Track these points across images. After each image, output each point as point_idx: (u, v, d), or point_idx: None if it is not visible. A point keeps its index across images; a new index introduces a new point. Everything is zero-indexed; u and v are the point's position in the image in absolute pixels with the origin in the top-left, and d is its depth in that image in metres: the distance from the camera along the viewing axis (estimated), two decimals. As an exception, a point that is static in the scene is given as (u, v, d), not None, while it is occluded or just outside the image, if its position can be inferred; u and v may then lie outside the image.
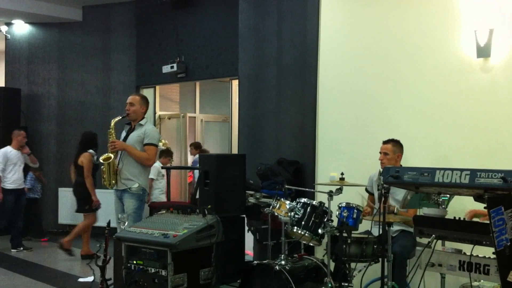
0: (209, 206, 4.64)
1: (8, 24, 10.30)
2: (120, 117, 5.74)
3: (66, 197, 9.85)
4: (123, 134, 5.79)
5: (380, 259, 4.22)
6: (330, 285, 4.37)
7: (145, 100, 5.84)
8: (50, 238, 9.29)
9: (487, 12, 4.92)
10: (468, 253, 3.30)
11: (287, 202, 4.82)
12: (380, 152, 5.07)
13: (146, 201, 6.32)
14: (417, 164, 5.00)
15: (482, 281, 3.44)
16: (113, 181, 5.57)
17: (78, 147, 7.81)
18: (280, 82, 7.08)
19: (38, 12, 9.61)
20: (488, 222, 2.89)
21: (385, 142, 5.09)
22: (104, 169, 5.58)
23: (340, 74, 5.95)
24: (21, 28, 10.32)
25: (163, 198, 8.12)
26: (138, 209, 5.51)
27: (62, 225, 9.88)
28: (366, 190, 5.28)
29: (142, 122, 5.67)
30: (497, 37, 4.86)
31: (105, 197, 8.28)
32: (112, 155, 5.55)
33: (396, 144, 5.06)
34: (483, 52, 4.90)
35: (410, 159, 5.19)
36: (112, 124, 5.67)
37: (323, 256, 4.71)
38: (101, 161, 5.61)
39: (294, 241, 4.88)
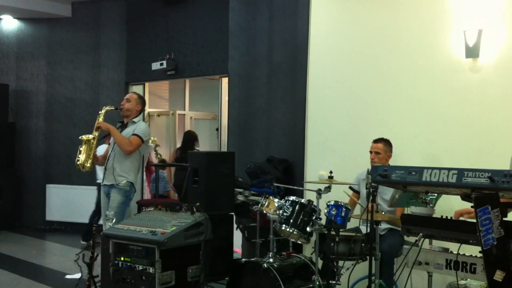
0: (197, 204, 4.64)
1: (-3, 19, 10.22)
2: (114, 108, 5.75)
3: (53, 194, 9.81)
4: None
5: (368, 257, 4.24)
6: (318, 283, 4.38)
7: (141, 99, 5.87)
8: (37, 235, 9.24)
9: (476, 12, 4.94)
10: (455, 252, 3.32)
11: (276, 200, 4.83)
12: (371, 151, 5.08)
13: None
14: (407, 163, 5.02)
15: (468, 280, 3.46)
16: (87, 165, 5.52)
17: (182, 146, 8.33)
18: (271, 80, 7.09)
19: (27, 8, 9.54)
20: (474, 220, 2.91)
21: (376, 141, 5.10)
22: (81, 148, 5.53)
23: (330, 72, 5.97)
24: (9, 24, 10.24)
25: None
26: (123, 205, 5.45)
27: (50, 222, 9.82)
28: (350, 187, 5.28)
29: (135, 119, 5.67)
30: (486, 38, 4.89)
31: (94, 194, 8.26)
32: (92, 136, 5.52)
33: (387, 144, 5.08)
34: (472, 52, 4.93)
35: (400, 158, 5.22)
36: (104, 110, 5.68)
37: (311, 254, 4.71)
38: (80, 138, 5.56)
39: (282, 239, 4.89)
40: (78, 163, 5.55)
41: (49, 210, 9.86)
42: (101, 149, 7.48)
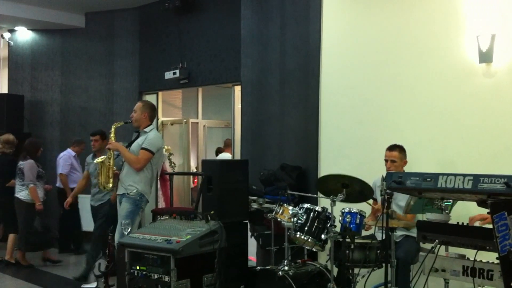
0: (212, 212, 4.65)
1: (11, 31, 10.34)
2: (123, 122, 5.75)
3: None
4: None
5: (383, 264, 4.22)
6: (333, 290, 4.36)
7: (147, 106, 5.79)
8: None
9: (489, 17, 4.92)
10: (472, 258, 3.30)
11: (290, 207, 4.82)
12: (387, 160, 5.01)
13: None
14: (421, 169, 4.99)
15: (486, 286, 3.43)
16: (109, 184, 5.57)
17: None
18: (283, 88, 7.09)
19: (41, 19, 9.66)
20: (490, 226, 2.89)
21: (391, 149, 5.00)
22: (98, 171, 5.61)
23: (342, 78, 5.97)
24: (24, 35, 10.36)
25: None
26: (131, 213, 5.41)
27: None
28: None
29: (147, 129, 5.66)
30: (499, 43, 4.86)
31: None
32: (106, 157, 5.58)
33: (401, 150, 5.03)
34: (485, 57, 4.90)
35: (414, 164, 5.18)
36: (113, 128, 5.69)
37: (326, 261, 4.70)
38: (95, 162, 5.66)
39: (297, 246, 4.88)
40: (99, 185, 5.70)
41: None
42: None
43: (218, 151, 10.43)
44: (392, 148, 5.01)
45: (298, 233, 4.63)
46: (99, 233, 6.51)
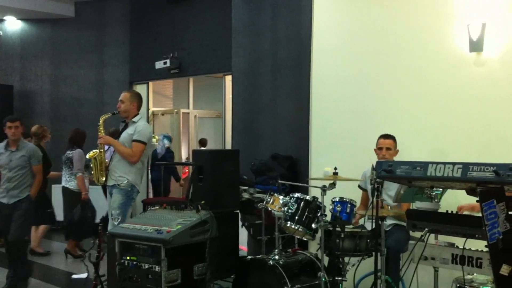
0: (203, 202, 4.64)
1: (0, 20, 10.25)
2: (110, 114, 5.68)
3: (59, 194, 9.81)
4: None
5: (373, 253, 4.23)
6: (324, 279, 4.37)
7: (135, 96, 5.75)
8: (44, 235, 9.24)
9: (480, 6, 4.92)
10: (461, 247, 3.31)
11: (281, 197, 4.81)
12: (381, 148, 5.02)
13: None
14: (413, 158, 4.98)
15: (475, 274, 3.46)
16: (102, 178, 5.53)
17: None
18: (275, 77, 7.08)
19: (31, 8, 9.59)
20: (479, 214, 2.90)
21: (386, 137, 5.03)
22: (92, 165, 5.56)
23: (334, 68, 5.95)
24: (13, 25, 10.28)
25: None
26: (123, 205, 5.39)
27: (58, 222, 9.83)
28: (359, 186, 5.26)
29: (135, 119, 5.61)
30: (489, 32, 4.86)
31: (97, 194, 8.26)
32: (98, 151, 5.53)
33: (394, 140, 5.05)
34: (476, 46, 4.90)
35: (406, 153, 5.18)
36: (101, 120, 5.63)
37: (317, 250, 4.71)
38: (87, 157, 5.62)
39: (287, 236, 4.88)
40: (93, 179, 5.66)
41: (55, 210, 9.85)
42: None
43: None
44: (387, 136, 5.04)
45: (289, 222, 4.63)
46: (19, 236, 5.92)
